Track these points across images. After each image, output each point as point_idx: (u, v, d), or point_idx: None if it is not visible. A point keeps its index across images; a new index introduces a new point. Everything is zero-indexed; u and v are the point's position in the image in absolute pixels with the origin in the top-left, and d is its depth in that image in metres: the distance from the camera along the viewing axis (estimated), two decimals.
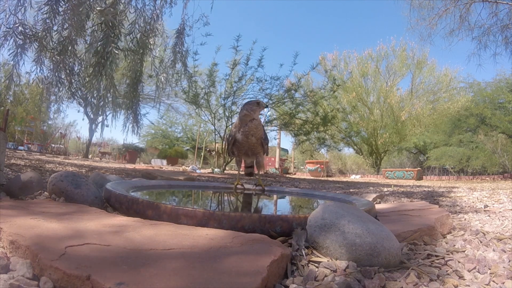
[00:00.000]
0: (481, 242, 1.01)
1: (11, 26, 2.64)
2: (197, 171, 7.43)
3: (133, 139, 23.86)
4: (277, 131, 10.95)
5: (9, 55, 2.67)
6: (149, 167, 8.46)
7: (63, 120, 16.54)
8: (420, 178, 9.48)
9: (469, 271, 0.76)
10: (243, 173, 2.30)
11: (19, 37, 2.63)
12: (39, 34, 2.69)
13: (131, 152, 14.67)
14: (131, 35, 3.36)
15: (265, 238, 0.83)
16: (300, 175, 12.20)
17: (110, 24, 2.77)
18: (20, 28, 2.63)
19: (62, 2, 2.76)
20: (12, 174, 2.31)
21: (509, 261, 0.81)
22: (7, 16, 2.67)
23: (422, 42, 8.81)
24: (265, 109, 7.25)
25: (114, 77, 3.07)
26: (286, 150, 20.68)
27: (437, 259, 0.84)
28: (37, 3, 2.79)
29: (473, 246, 0.97)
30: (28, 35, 2.66)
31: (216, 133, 8.49)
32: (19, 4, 2.69)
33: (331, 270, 0.73)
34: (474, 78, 12.73)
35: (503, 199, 2.25)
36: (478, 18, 7.41)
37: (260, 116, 1.73)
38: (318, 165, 12.09)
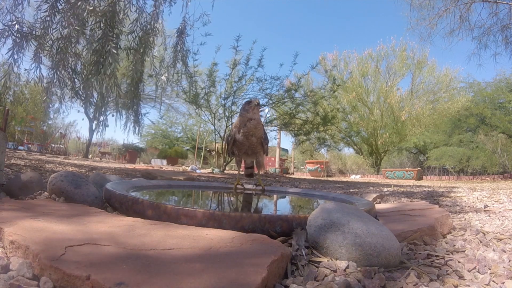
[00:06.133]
0: (481, 242, 1.01)
1: (8, 24, 2.63)
2: (197, 171, 7.43)
3: (133, 139, 23.88)
4: (277, 131, 10.96)
5: (7, 53, 2.67)
6: (149, 167, 8.46)
7: (63, 120, 16.58)
8: (420, 178, 9.48)
9: (469, 271, 0.76)
10: (243, 173, 2.30)
11: (16, 35, 2.62)
12: (38, 32, 2.69)
13: (131, 152, 14.68)
14: (133, 34, 3.36)
15: (265, 238, 0.83)
16: (300, 175, 12.21)
17: (109, 22, 2.77)
18: (17, 26, 2.63)
19: (62, 0, 2.75)
20: (12, 174, 2.31)
21: (509, 261, 0.81)
22: (4, 14, 2.67)
23: (422, 42, 8.82)
24: (262, 107, 7.23)
25: (117, 76, 3.06)
26: (286, 150, 20.68)
27: (437, 259, 0.84)
28: (36, 1, 2.79)
29: (473, 246, 0.97)
30: (25, 33, 2.66)
31: (216, 133, 8.49)
32: (17, 2, 2.68)
33: (331, 270, 0.73)
34: (474, 78, 12.77)
35: (503, 199, 2.25)
36: (478, 18, 7.42)
37: (260, 115, 1.73)
38: (318, 165, 12.09)
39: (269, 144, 2.11)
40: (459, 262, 0.81)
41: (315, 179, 8.22)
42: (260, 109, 1.64)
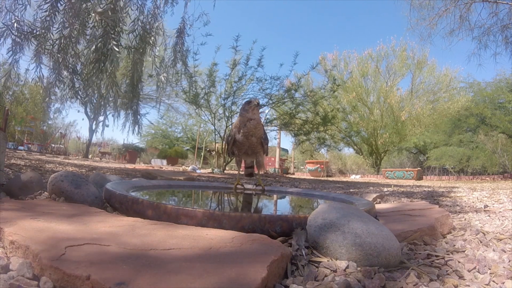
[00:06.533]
0: (481, 242, 1.01)
1: (8, 24, 2.63)
2: (197, 171, 7.43)
3: (133, 139, 23.91)
4: (277, 131, 10.96)
5: (7, 53, 2.67)
6: (149, 167, 8.46)
7: (63, 120, 16.60)
8: (420, 178, 9.48)
9: (469, 271, 0.76)
10: (243, 173, 2.30)
11: (16, 34, 2.62)
12: (38, 31, 2.68)
13: (131, 152, 14.68)
14: (133, 33, 3.36)
15: (265, 238, 0.83)
16: (300, 175, 12.21)
17: (110, 20, 2.76)
18: (16, 25, 2.62)
19: (62, 0, 2.75)
20: (12, 174, 2.31)
21: (509, 261, 0.81)
22: (4, 13, 2.66)
23: (422, 42, 8.81)
24: (262, 107, 7.23)
25: (116, 76, 3.05)
26: (286, 150, 20.68)
27: (437, 259, 0.84)
28: (36, 1, 2.79)
29: (473, 246, 0.97)
30: (26, 33, 2.65)
31: (216, 133, 8.49)
32: (18, 2, 2.68)
33: (331, 270, 0.73)
34: (474, 78, 12.77)
35: (503, 199, 2.25)
36: (478, 18, 7.41)
37: (260, 115, 1.73)
38: (318, 165, 12.09)
39: (269, 144, 2.10)
40: (459, 262, 0.81)
41: (315, 179, 8.22)
42: (260, 110, 1.64)
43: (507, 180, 7.59)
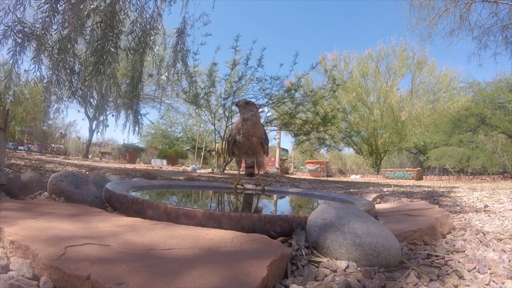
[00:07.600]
0: (481, 242, 1.01)
1: (9, 25, 2.63)
2: (197, 171, 7.43)
3: (133, 139, 23.90)
4: (277, 131, 10.95)
5: (8, 54, 2.67)
6: (149, 167, 8.46)
7: (63, 120, 16.57)
8: (420, 178, 9.48)
9: (469, 271, 0.76)
10: (243, 173, 2.30)
11: (18, 35, 2.62)
12: (38, 32, 2.69)
13: (131, 152, 14.68)
14: (132, 34, 3.36)
15: (265, 238, 0.83)
16: (300, 175, 12.20)
17: (109, 22, 2.77)
18: (18, 26, 2.63)
19: (62, 1, 2.76)
20: (12, 174, 2.31)
21: (509, 261, 0.81)
22: (6, 14, 2.67)
23: (422, 42, 8.81)
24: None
25: (116, 76, 3.06)
26: (286, 150, 20.69)
27: (437, 259, 0.84)
28: (36, 2, 2.79)
29: (473, 246, 0.97)
30: (27, 34, 2.66)
31: (216, 133, 8.49)
32: (18, 2, 2.68)
33: (331, 270, 0.73)
34: (474, 78, 12.77)
35: (503, 199, 2.25)
36: (478, 18, 7.42)
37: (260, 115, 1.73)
38: (318, 165, 12.08)
39: (269, 144, 2.10)
40: (459, 262, 0.81)
41: (315, 179, 8.22)
42: (249, 109, 1.63)
43: (507, 180, 7.59)
